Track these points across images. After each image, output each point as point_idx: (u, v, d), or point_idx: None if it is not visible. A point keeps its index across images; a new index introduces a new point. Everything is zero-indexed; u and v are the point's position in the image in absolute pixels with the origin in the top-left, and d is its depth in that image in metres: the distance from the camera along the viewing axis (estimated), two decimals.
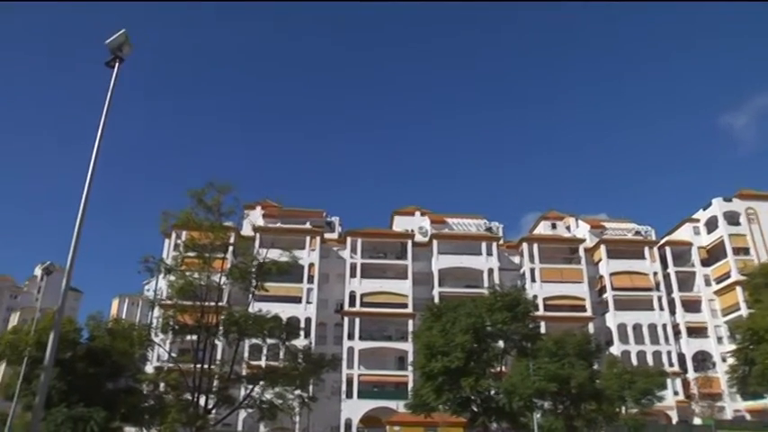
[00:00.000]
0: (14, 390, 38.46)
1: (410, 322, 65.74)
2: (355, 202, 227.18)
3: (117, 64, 14.15)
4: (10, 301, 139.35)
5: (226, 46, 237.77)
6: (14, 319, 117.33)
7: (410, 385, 56.00)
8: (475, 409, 37.66)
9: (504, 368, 41.05)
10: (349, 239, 73.31)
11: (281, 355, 32.04)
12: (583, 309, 71.41)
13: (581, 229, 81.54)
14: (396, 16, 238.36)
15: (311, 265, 69.85)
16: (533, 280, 72.28)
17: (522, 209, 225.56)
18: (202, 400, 27.81)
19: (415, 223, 79.30)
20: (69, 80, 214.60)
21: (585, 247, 76.47)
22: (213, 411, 28.62)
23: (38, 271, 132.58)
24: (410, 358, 59.06)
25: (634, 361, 64.48)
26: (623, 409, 47.38)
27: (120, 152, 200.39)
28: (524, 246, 75.78)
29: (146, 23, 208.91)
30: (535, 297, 62.01)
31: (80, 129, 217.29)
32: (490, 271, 71.58)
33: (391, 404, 61.19)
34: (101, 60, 14.16)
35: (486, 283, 64.86)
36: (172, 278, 30.14)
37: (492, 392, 37.29)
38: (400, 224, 79.43)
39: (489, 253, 73.45)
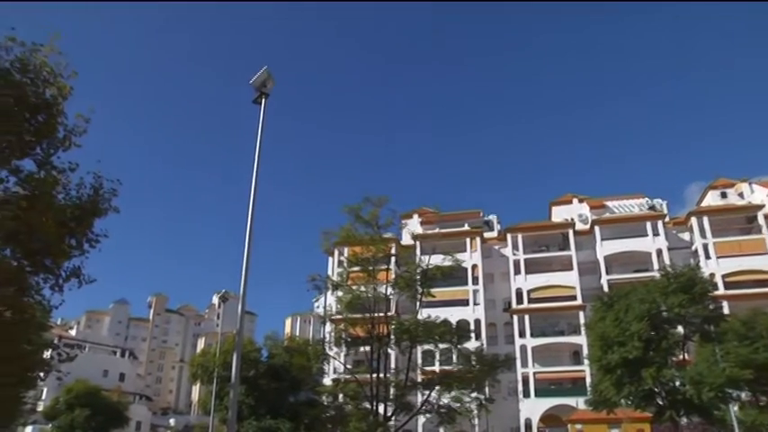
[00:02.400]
0: (210, 405, 42.04)
1: (581, 314, 63.20)
2: (510, 199, 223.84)
3: (263, 100, 14.90)
4: (194, 327, 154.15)
5: (359, 53, 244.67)
6: (201, 344, 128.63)
7: (588, 380, 53.84)
8: (660, 403, 35.31)
9: (686, 356, 38.05)
10: (509, 236, 72.13)
11: (454, 358, 32.05)
12: None
13: (757, 195, 71.92)
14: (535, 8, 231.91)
15: (474, 266, 69.54)
16: (708, 256, 65.40)
17: (685, 180, 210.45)
18: (381, 408, 28.48)
19: (574, 211, 76.16)
20: (225, 115, 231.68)
21: (765, 214, 68.11)
22: (392, 419, 29.18)
23: (215, 299, 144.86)
24: (585, 352, 56.63)
25: None
26: None
27: (276, 177, 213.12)
28: (693, 220, 68.92)
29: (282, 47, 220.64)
30: (712, 275, 56.32)
31: (238, 164, 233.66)
32: (659, 252, 66.52)
33: (570, 401, 59.06)
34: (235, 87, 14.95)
35: (656, 266, 60.48)
36: (340, 293, 31.31)
37: (677, 383, 34.71)
38: (559, 214, 76.79)
39: (656, 233, 68.27)
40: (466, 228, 73.76)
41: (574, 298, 66.13)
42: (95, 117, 13.42)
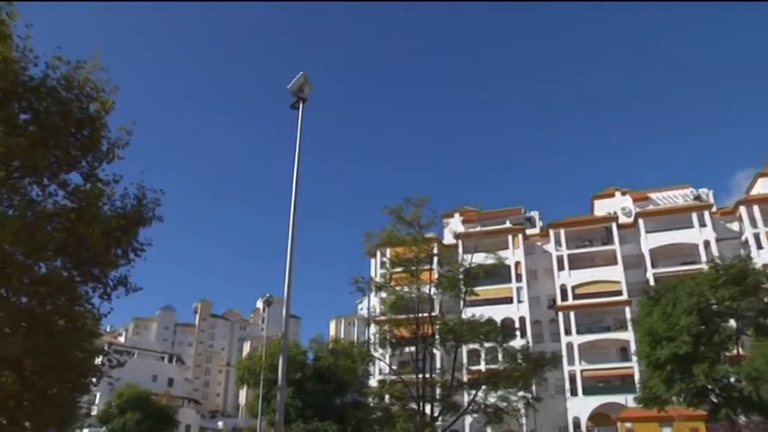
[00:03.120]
0: (257, 408, 42.55)
1: (627, 309, 61.86)
2: (552, 194, 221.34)
3: (301, 105, 14.96)
4: (240, 332, 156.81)
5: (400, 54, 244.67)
6: (246, 348, 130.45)
7: (637, 377, 52.80)
8: (714, 400, 34.29)
9: (741, 351, 36.84)
10: (552, 232, 71.28)
11: (500, 357, 31.77)
12: None
13: None
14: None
15: (517, 263, 68.92)
16: (760, 246, 63.10)
17: (732, 168, 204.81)
18: (428, 409, 28.38)
19: (617, 204, 74.78)
20: (267, 119, 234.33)
21: None
22: (439, 419, 29.06)
23: (259, 304, 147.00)
24: (632, 348, 55.40)
25: None
26: None
27: (318, 179, 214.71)
28: (742, 209, 66.60)
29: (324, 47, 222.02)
30: (765, 266, 54.41)
31: (283, 168, 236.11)
32: (706, 243, 64.67)
33: (619, 399, 57.89)
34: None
35: (703, 258, 58.96)
36: (383, 295, 31.33)
37: (732, 379, 33.64)
38: (601, 208, 75.52)
39: (702, 224, 66.40)
40: (508, 225, 73.15)
41: (619, 293, 64.90)
42: (137, 128, 13.76)
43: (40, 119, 11.89)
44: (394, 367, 34.38)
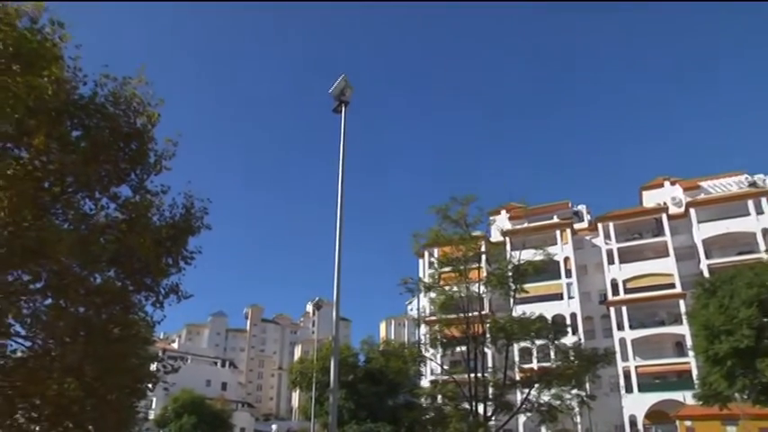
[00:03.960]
0: (310, 411, 43.04)
1: (681, 303, 60.17)
2: (599, 187, 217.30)
3: (343, 108, 15.07)
4: (291, 336, 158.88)
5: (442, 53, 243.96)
6: (297, 351, 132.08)
7: (695, 373, 51.21)
8: None
9: None
10: (600, 226, 69.88)
11: (552, 355, 31.40)
12: None
13: None
14: None
15: (566, 258, 67.84)
16: None
17: None
18: (480, 408, 28.24)
19: (666, 195, 72.59)
20: (314, 122, 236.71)
21: None
22: (492, 418, 28.84)
23: (309, 307, 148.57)
24: (689, 342, 53.80)
25: None
26: None
27: (365, 181, 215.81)
28: None
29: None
30: None
31: (329, 172, 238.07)
32: (765, 231, 61.89)
33: (677, 396, 56.12)
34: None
35: (762, 247, 56.98)
36: (432, 295, 31.37)
37: None
38: (650, 199, 73.54)
39: (759, 211, 63.52)
40: (555, 220, 72.09)
41: (672, 286, 63.14)
42: (183, 139, 14.14)
43: (91, 135, 12.37)
44: (445, 367, 34.22)
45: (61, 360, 13.18)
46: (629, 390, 59.47)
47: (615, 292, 65.36)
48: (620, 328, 62.96)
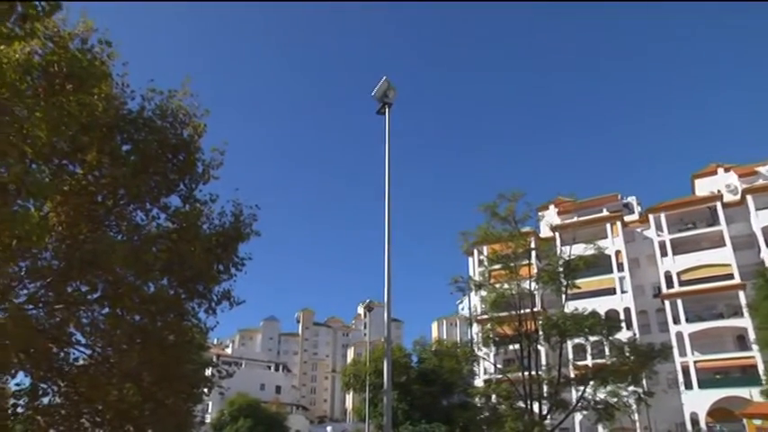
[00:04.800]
0: (364, 412, 43.27)
1: (740, 294, 57.81)
2: (648, 178, 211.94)
3: (387, 110, 15.13)
4: (343, 338, 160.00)
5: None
6: (350, 354, 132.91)
7: (761, 368, 49.41)
8: None
9: None
10: (651, 217, 68.01)
11: (607, 351, 31.00)
12: None
13: None
14: None
15: (617, 252, 66.26)
16: None
17: None
18: (536, 407, 28.03)
19: (720, 182, 69.86)
20: (361, 126, 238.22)
21: None
22: (548, 417, 28.54)
23: (360, 309, 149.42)
24: (752, 336, 51.89)
25: None
26: None
27: (412, 182, 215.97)
28: None
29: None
30: None
31: (379, 174, 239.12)
32: None
33: (742, 392, 53.66)
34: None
35: None
36: (483, 293, 31.30)
37: None
38: (703, 187, 71.01)
39: None
40: (605, 213, 70.58)
41: (730, 276, 60.86)
42: (230, 147, 14.47)
43: (140, 148, 12.80)
44: (499, 366, 34.05)
45: (120, 367, 13.67)
46: (688, 386, 57.54)
47: (669, 284, 63.49)
48: (677, 321, 61.11)
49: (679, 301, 61.66)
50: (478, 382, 43.32)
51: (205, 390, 17.66)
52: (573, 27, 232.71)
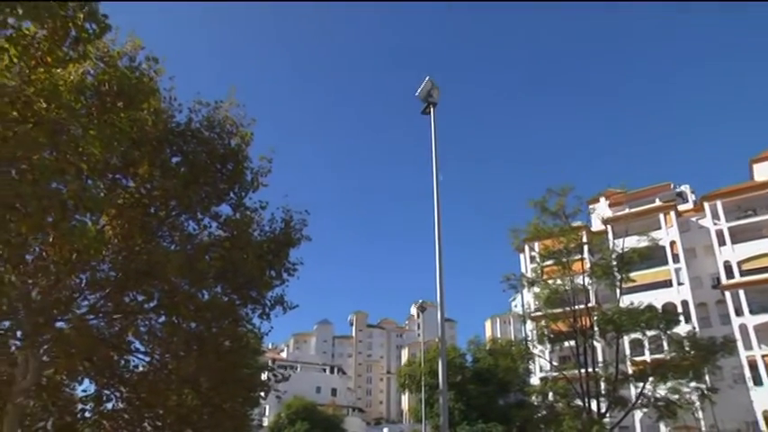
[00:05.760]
0: (421, 413, 43.27)
1: None
2: (702, 164, 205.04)
3: (431, 109, 15.13)
4: (396, 339, 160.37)
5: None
6: (404, 354, 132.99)
7: None
8: None
9: None
10: (707, 205, 65.76)
11: (665, 345, 30.21)
12: None
13: None
14: None
15: (672, 243, 64.32)
16: None
17: None
18: (594, 405, 27.50)
19: None
20: (407, 120, 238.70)
21: None
22: (607, 415, 27.96)
23: (413, 310, 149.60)
24: None
25: None
26: None
27: (460, 179, 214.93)
28: None
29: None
30: None
31: (427, 174, 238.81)
32: None
33: None
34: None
35: None
36: (536, 290, 30.99)
37: None
38: (762, 172, 68.38)
39: None
40: (658, 203, 68.66)
41: None
42: (277, 153, 14.74)
43: (189, 160, 13.20)
44: (555, 363, 33.56)
45: (178, 373, 14.10)
46: (757, 382, 55.20)
47: (729, 275, 61.24)
48: (739, 313, 58.87)
49: (741, 292, 59.40)
50: (534, 381, 42.74)
51: (261, 393, 18.01)
52: (625, 12, 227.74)
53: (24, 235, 9.73)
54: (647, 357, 34.20)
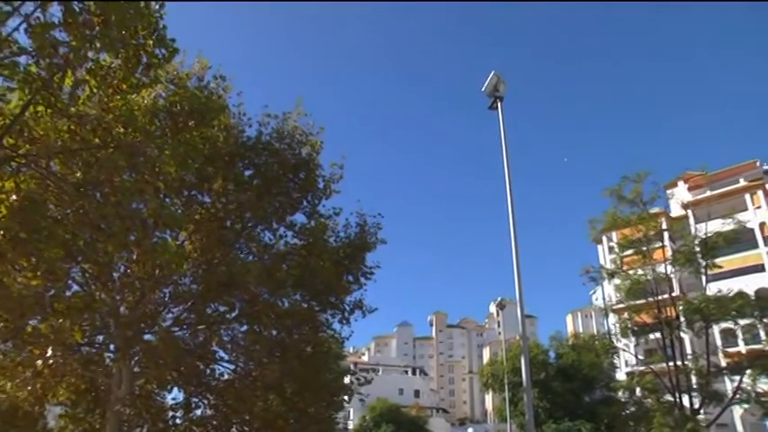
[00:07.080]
0: (505, 412, 42.65)
1: None
2: None
3: (499, 104, 14.90)
4: (477, 338, 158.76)
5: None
6: (486, 353, 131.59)
7: None
8: None
9: None
10: None
11: (762, 335, 28.54)
12: None
13: None
14: None
15: (762, 224, 60.75)
16: None
17: None
18: (685, 400, 26.22)
19: None
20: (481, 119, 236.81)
21: None
22: (701, 411, 26.54)
23: (492, 308, 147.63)
24: None
25: None
26: None
27: (534, 174, 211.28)
28: None
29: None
30: None
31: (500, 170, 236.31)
32: None
33: None
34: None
35: None
36: (617, 281, 29.90)
37: None
38: None
39: None
40: (742, 183, 65.07)
41: None
42: (348, 159, 14.92)
43: (261, 172, 13.57)
44: (640, 357, 32.33)
45: (262, 380, 14.49)
46: None
47: None
48: None
49: None
50: (620, 376, 41.45)
51: (345, 397, 18.22)
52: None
53: (110, 254, 10.28)
54: (742, 348, 32.52)
